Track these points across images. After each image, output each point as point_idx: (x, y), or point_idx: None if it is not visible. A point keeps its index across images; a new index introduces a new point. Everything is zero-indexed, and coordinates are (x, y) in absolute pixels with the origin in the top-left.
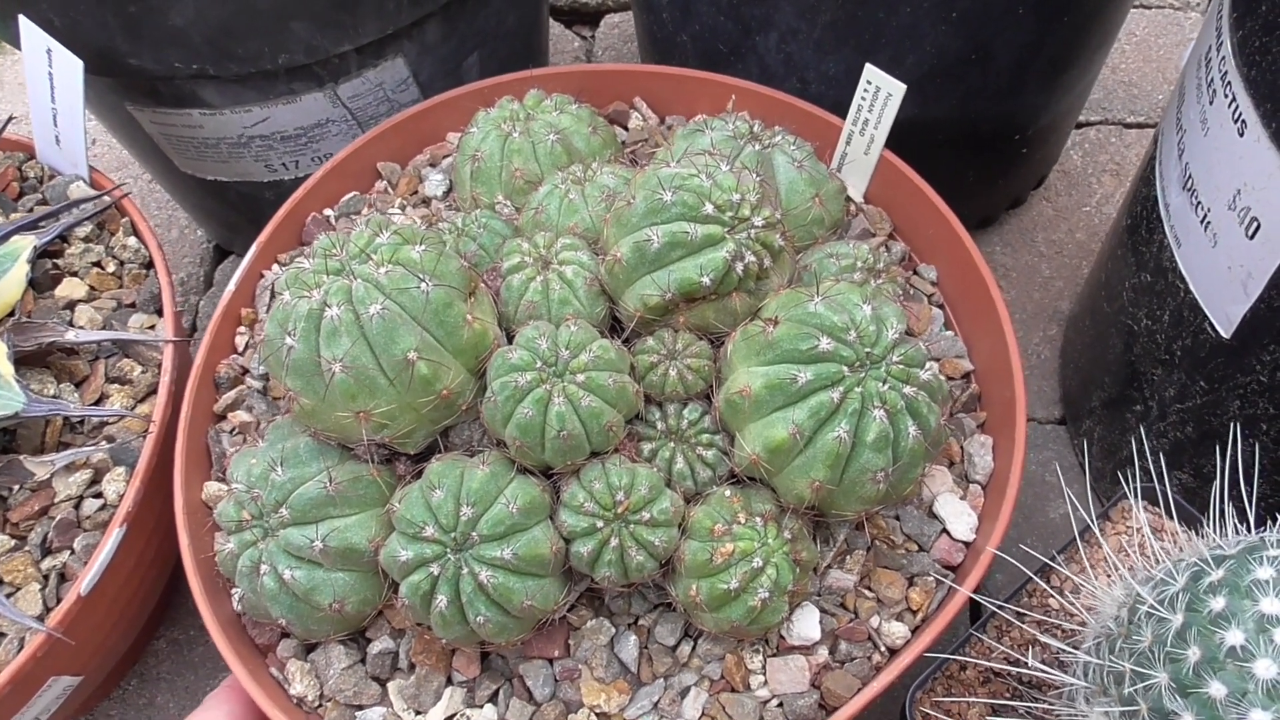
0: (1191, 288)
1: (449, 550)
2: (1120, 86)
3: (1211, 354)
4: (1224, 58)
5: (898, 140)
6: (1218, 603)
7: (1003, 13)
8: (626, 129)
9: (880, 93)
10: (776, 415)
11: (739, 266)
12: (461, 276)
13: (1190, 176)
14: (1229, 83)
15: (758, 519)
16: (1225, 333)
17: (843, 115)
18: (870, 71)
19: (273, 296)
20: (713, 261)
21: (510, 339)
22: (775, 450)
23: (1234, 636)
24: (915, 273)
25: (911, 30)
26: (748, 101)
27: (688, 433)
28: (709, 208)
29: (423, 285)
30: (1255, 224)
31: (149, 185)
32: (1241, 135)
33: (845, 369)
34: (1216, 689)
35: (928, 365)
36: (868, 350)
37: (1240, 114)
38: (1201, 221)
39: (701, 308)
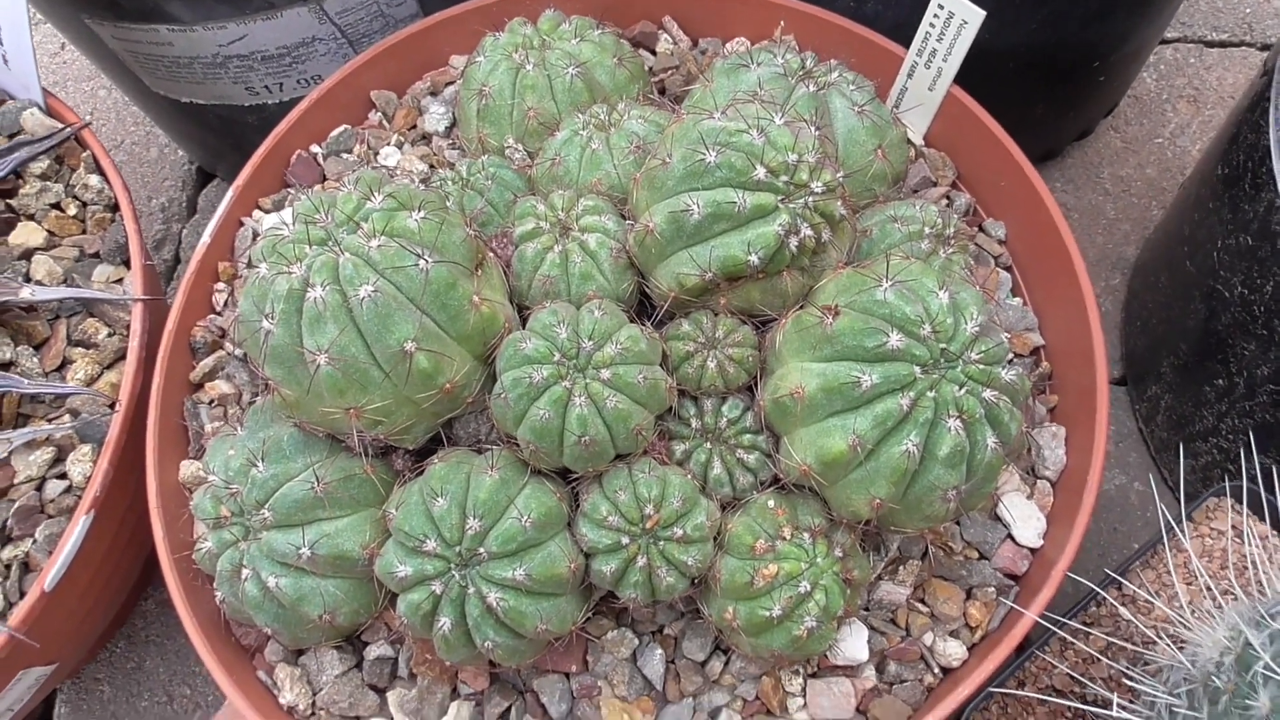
0: None
1: (453, 566)
2: None
3: None
4: None
5: (960, 72)
6: None
7: None
8: (654, 53)
9: (954, 20)
10: (834, 422)
11: (793, 242)
12: (466, 249)
13: None
14: None
15: (805, 534)
16: None
17: (903, 41)
18: None
19: (255, 242)
20: (763, 237)
21: (523, 318)
22: (831, 463)
23: None
24: (981, 229)
25: None
26: (795, 24)
27: (726, 432)
28: (760, 172)
29: (421, 262)
30: None
31: (124, 99)
32: None
33: (917, 370)
34: None
35: (1010, 359)
36: (943, 346)
37: None
38: None
39: (747, 287)
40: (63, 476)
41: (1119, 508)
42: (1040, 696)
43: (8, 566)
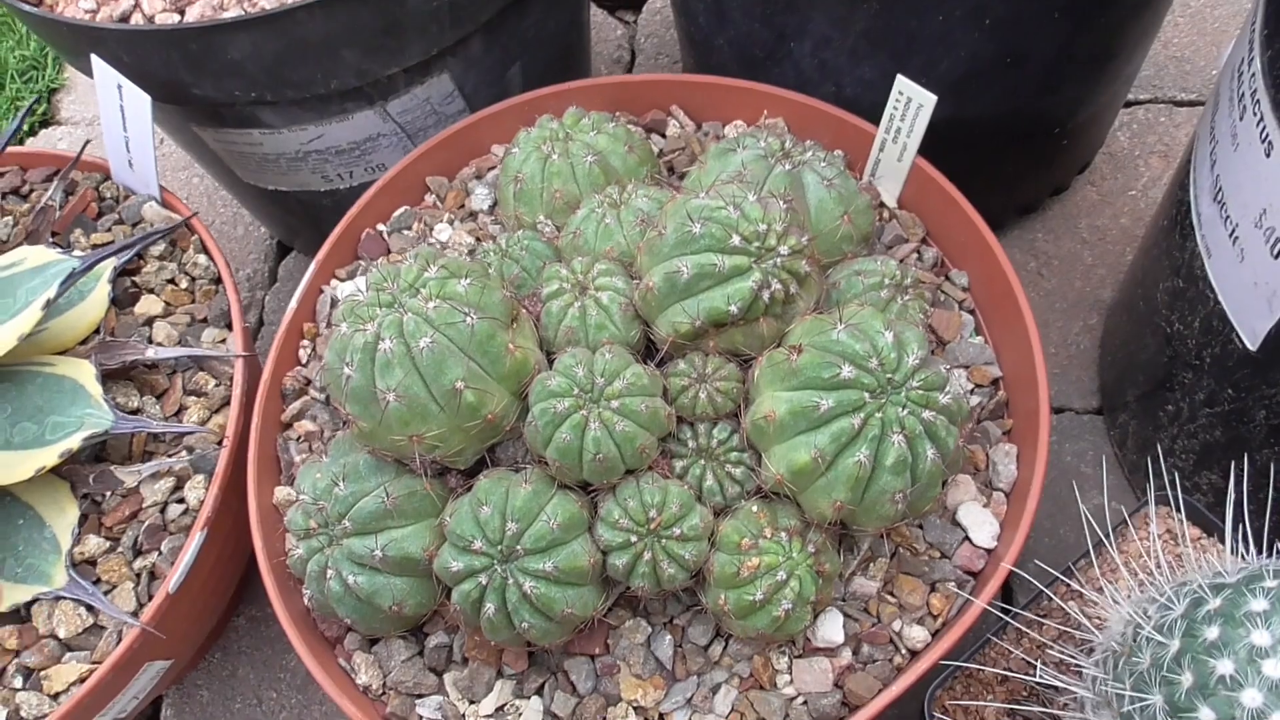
0: (1220, 298)
1: (496, 562)
2: (1171, 62)
3: (1239, 364)
4: (1254, 74)
5: (935, 138)
6: (1212, 632)
7: (1036, 17)
8: (664, 136)
9: (911, 103)
10: (800, 439)
11: (765, 295)
12: (504, 307)
13: (1221, 189)
14: (1258, 101)
15: (783, 533)
16: (1251, 346)
17: (878, 119)
18: (901, 82)
19: (333, 306)
20: (739, 291)
21: (551, 362)
22: (799, 472)
23: (1225, 666)
24: (947, 278)
25: (944, 37)
26: (782, 109)
27: (717, 451)
28: (736, 239)
29: (468, 319)
30: (1279, 245)
31: (214, 185)
32: (1268, 156)
33: (866, 395)
34: (1206, 714)
35: (948, 387)
36: (889, 376)
37: (1267, 135)
38: (1230, 235)
39: (730, 332)
40: (180, 501)
41: (1100, 524)
42: (1000, 672)
43: (138, 575)
